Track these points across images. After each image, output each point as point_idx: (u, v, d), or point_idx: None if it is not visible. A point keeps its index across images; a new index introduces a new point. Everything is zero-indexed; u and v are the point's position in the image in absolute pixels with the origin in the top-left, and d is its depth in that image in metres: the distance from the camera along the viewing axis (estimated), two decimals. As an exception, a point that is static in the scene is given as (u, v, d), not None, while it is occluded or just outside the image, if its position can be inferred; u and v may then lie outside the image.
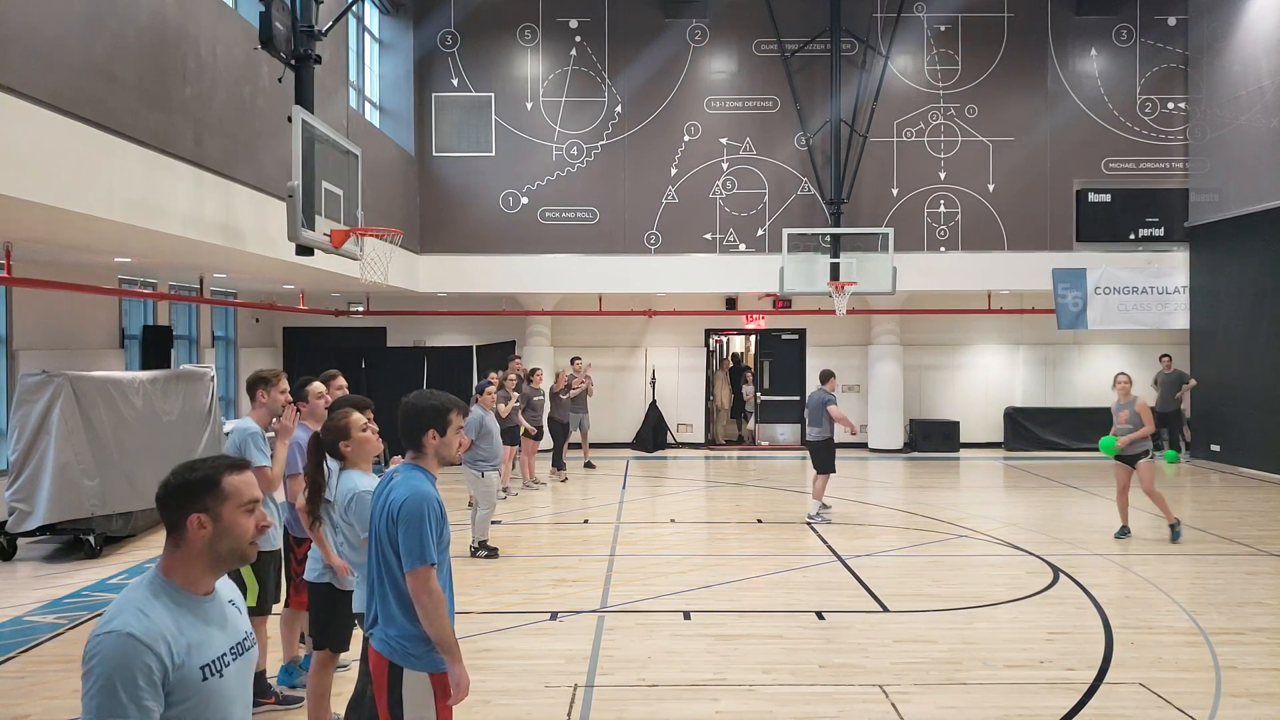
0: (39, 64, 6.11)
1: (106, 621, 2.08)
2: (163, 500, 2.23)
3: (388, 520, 3.32)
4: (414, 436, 3.44)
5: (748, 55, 16.49)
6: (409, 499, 3.26)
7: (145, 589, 2.16)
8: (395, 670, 3.30)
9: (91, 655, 2.03)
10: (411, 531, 3.22)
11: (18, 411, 8.89)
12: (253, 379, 5.37)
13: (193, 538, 2.20)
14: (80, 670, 2.07)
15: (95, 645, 2.04)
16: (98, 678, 2.00)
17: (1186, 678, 5.79)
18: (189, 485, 2.22)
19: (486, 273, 16.21)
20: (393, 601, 3.33)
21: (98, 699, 1.99)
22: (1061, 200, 16.40)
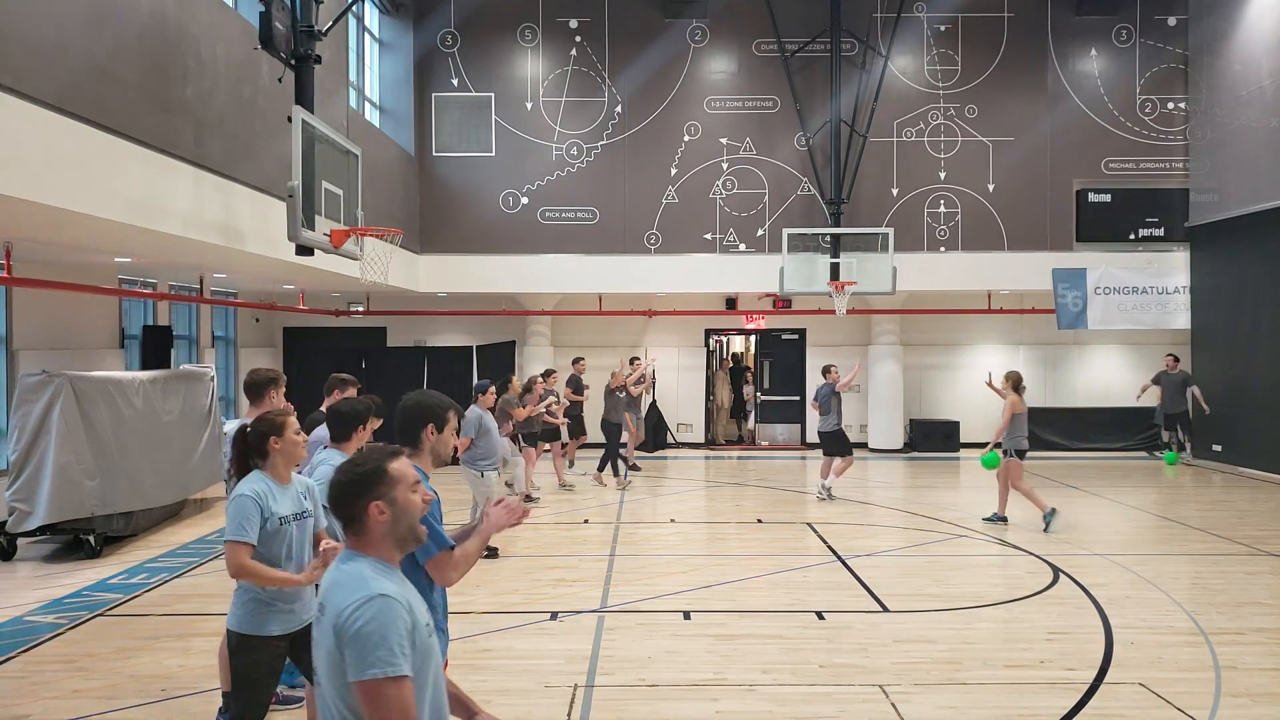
0: (39, 64, 6.11)
1: (355, 590, 2.17)
2: (340, 497, 2.33)
3: None
4: (412, 432, 3.51)
5: (748, 55, 16.49)
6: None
7: (365, 566, 2.27)
8: None
9: (356, 619, 2.11)
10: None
11: (18, 411, 8.89)
12: (262, 379, 5.32)
13: (374, 524, 2.31)
14: (327, 640, 2.18)
15: (358, 610, 2.13)
16: (369, 634, 2.09)
17: (1186, 678, 5.79)
18: (362, 478, 2.33)
19: (486, 273, 16.21)
20: None
21: (375, 652, 2.08)
22: (1061, 200, 16.40)
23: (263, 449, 3.99)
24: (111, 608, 7.43)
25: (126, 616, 7.20)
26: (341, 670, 2.13)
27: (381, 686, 2.08)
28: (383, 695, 2.07)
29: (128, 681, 5.78)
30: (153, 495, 10.14)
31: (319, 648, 2.25)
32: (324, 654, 2.21)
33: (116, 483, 9.43)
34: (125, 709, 5.35)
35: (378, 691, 2.08)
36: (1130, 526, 10.71)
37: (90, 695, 5.56)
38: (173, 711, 5.34)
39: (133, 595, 7.80)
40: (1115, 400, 17.53)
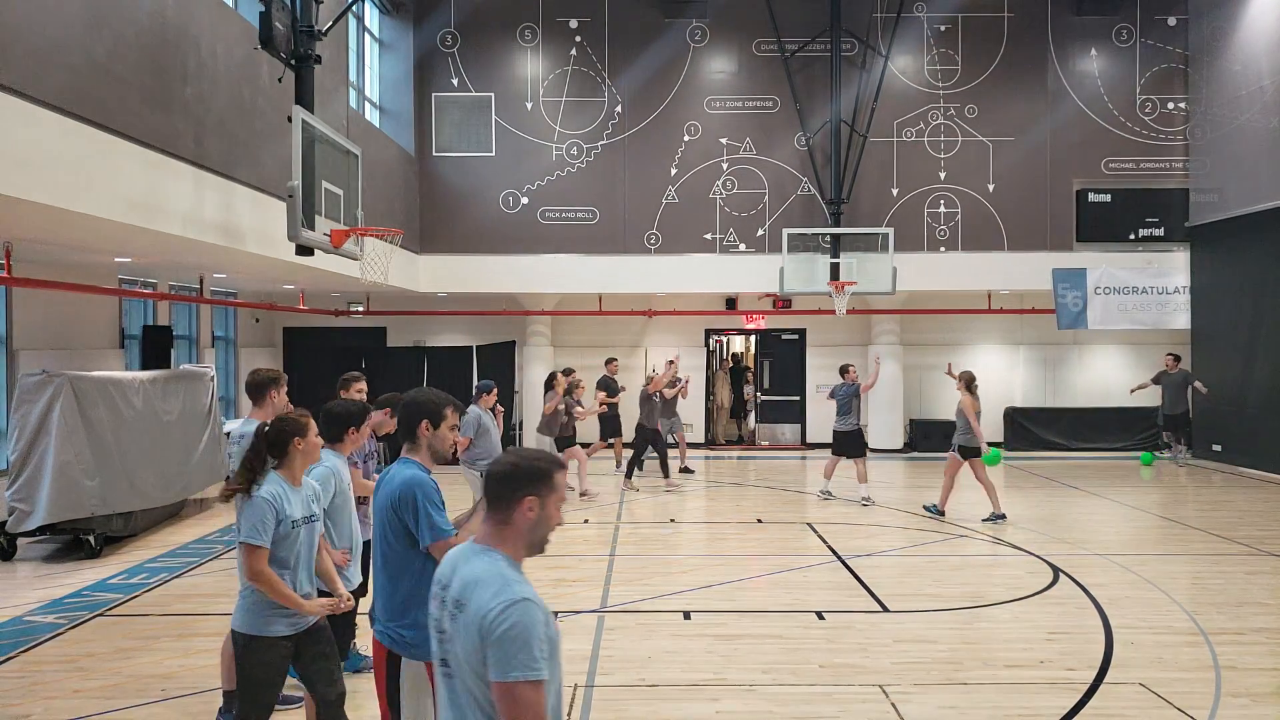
0: (39, 64, 6.11)
1: (501, 592, 2.22)
2: (504, 477, 2.38)
3: (383, 506, 3.46)
4: (409, 428, 3.59)
5: (748, 55, 16.49)
6: (407, 479, 3.43)
7: (503, 564, 2.33)
8: (394, 659, 3.41)
9: (502, 621, 2.17)
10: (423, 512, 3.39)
11: (18, 411, 8.89)
12: (263, 379, 5.31)
13: (520, 519, 2.36)
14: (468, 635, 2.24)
15: (504, 612, 2.18)
16: (514, 638, 2.16)
17: (1186, 678, 5.79)
18: (532, 470, 2.38)
19: (486, 273, 16.21)
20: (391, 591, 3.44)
21: (518, 656, 2.15)
22: (1061, 200, 16.40)
23: (284, 449, 3.97)
24: (111, 608, 7.43)
25: (126, 616, 7.20)
26: (480, 663, 2.21)
27: (522, 690, 2.15)
28: (522, 698, 2.14)
29: (128, 681, 5.79)
30: (153, 495, 10.14)
31: (455, 640, 2.29)
32: (462, 646, 2.26)
33: (116, 483, 9.43)
34: (125, 709, 5.35)
35: (518, 694, 2.15)
36: (1130, 526, 10.71)
37: (90, 695, 5.56)
38: (173, 711, 5.34)
39: (133, 595, 7.80)
40: (1115, 400, 17.53)
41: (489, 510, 2.40)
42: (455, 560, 2.40)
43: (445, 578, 2.39)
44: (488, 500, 2.42)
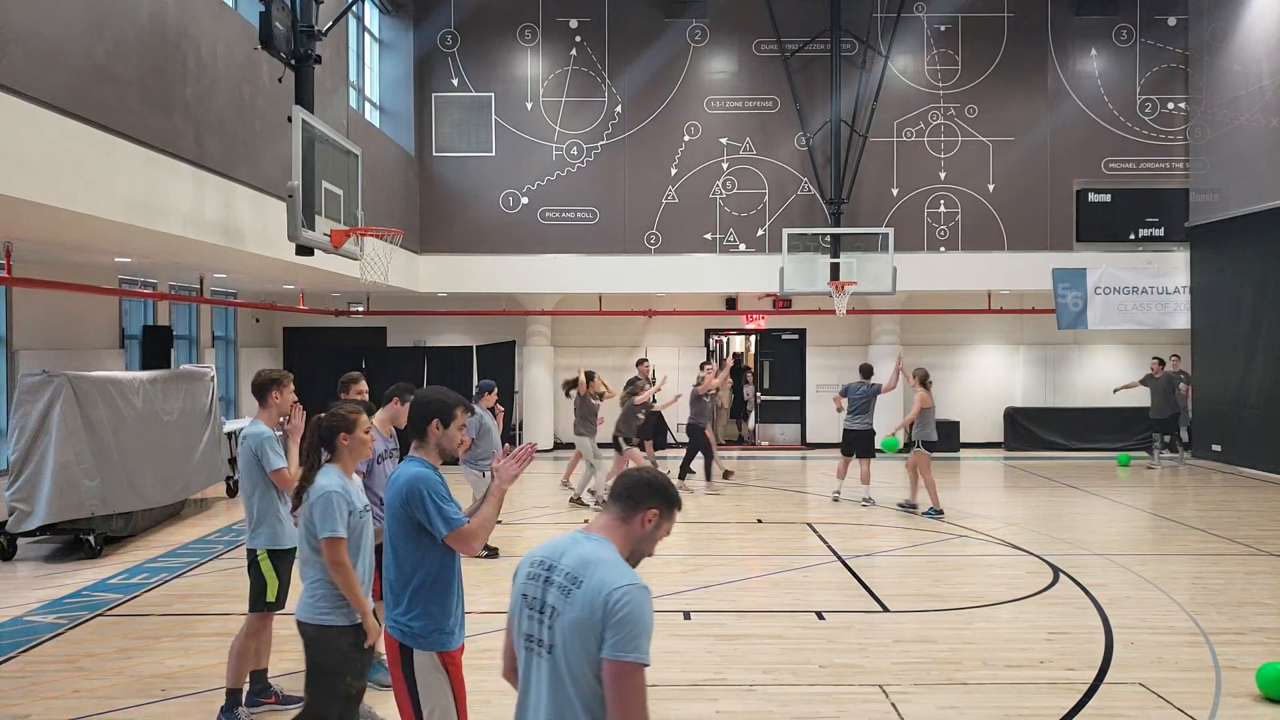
0: (39, 64, 6.11)
1: (620, 577, 2.34)
2: (642, 484, 2.54)
3: (393, 504, 3.49)
4: (419, 426, 3.63)
5: (748, 55, 16.49)
6: (412, 476, 3.47)
7: (616, 552, 2.47)
8: (405, 651, 3.47)
9: (626, 603, 2.28)
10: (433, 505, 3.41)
11: (18, 411, 8.89)
12: (265, 380, 5.33)
13: (638, 524, 2.53)
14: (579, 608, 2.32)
15: (628, 594, 2.30)
16: (635, 621, 2.27)
17: (1186, 678, 5.79)
18: (666, 491, 2.55)
19: (486, 273, 16.21)
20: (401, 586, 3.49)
21: (638, 639, 2.27)
22: (1061, 200, 16.40)
23: (332, 444, 4.08)
24: (111, 608, 7.43)
25: (126, 616, 7.20)
26: (592, 639, 2.28)
27: (633, 671, 2.26)
28: (632, 679, 2.26)
29: (128, 681, 5.78)
30: (153, 495, 10.14)
31: (563, 614, 2.34)
32: (571, 620, 2.32)
33: (116, 483, 9.43)
34: (125, 709, 5.35)
35: (630, 675, 2.25)
36: (1130, 526, 10.71)
37: (90, 695, 5.56)
38: (173, 711, 5.34)
39: (133, 595, 7.80)
40: (1115, 400, 17.53)
41: (614, 506, 2.54)
42: (563, 543, 2.50)
43: (550, 558, 2.46)
44: (616, 498, 2.55)
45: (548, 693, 2.35)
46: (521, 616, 2.47)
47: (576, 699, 2.30)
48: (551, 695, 2.34)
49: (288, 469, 5.15)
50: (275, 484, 5.17)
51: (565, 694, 2.32)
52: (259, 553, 5.20)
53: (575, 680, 2.30)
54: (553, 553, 2.48)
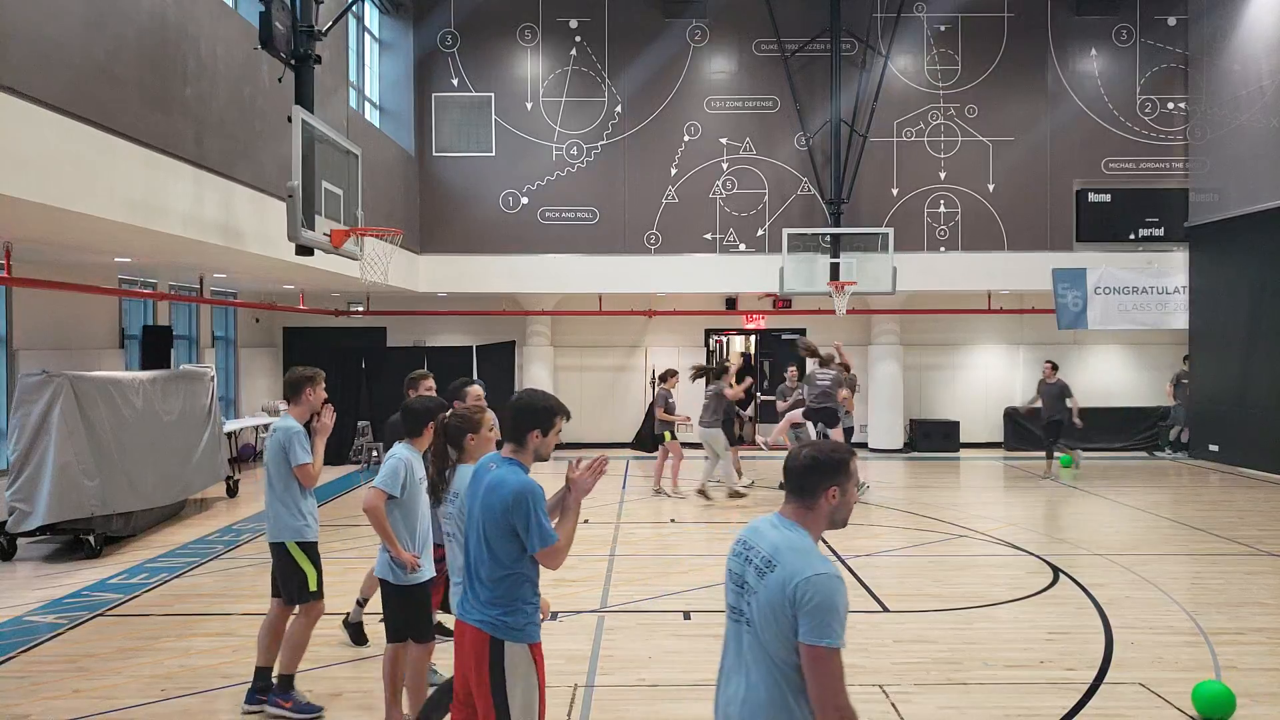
0: (39, 64, 6.12)
1: (815, 562, 2.52)
2: (807, 470, 2.68)
3: (493, 507, 3.48)
4: (520, 431, 3.62)
5: (748, 55, 16.49)
6: (519, 488, 3.46)
7: (808, 540, 2.64)
8: (496, 645, 3.49)
9: (819, 590, 2.46)
10: (531, 516, 3.44)
11: (18, 411, 8.89)
12: (298, 377, 5.41)
13: (824, 505, 2.67)
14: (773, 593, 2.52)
15: (822, 582, 2.47)
16: (827, 608, 2.45)
17: (1186, 678, 5.78)
18: (834, 463, 2.68)
19: (486, 273, 16.21)
20: (494, 582, 3.50)
21: (831, 624, 2.45)
22: (1061, 200, 16.40)
23: (460, 444, 4.32)
24: (111, 608, 7.43)
25: (126, 616, 7.20)
26: (785, 622, 2.50)
27: (829, 655, 2.45)
28: (828, 662, 2.45)
29: (128, 681, 5.79)
30: (153, 495, 10.14)
31: (756, 592, 2.57)
32: (764, 601, 2.54)
33: (116, 483, 9.43)
34: (125, 709, 5.35)
35: (826, 658, 2.45)
36: (1130, 526, 10.71)
37: (90, 695, 5.56)
38: (173, 711, 5.34)
39: (133, 595, 7.80)
40: (1115, 400, 17.53)
41: (794, 496, 2.70)
42: (764, 525, 2.72)
43: (751, 539, 2.71)
44: (792, 489, 2.70)
45: (750, 660, 2.61)
46: (729, 589, 2.74)
47: (774, 669, 2.55)
48: (753, 663, 2.60)
49: (312, 465, 5.24)
50: (298, 479, 5.24)
51: (764, 663, 2.57)
52: (288, 545, 5.27)
53: (771, 653, 2.55)
54: (754, 534, 2.72)
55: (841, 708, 2.45)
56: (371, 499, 4.72)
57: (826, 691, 2.45)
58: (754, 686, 2.58)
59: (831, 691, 2.45)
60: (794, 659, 2.51)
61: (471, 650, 3.55)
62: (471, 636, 3.55)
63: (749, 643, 2.61)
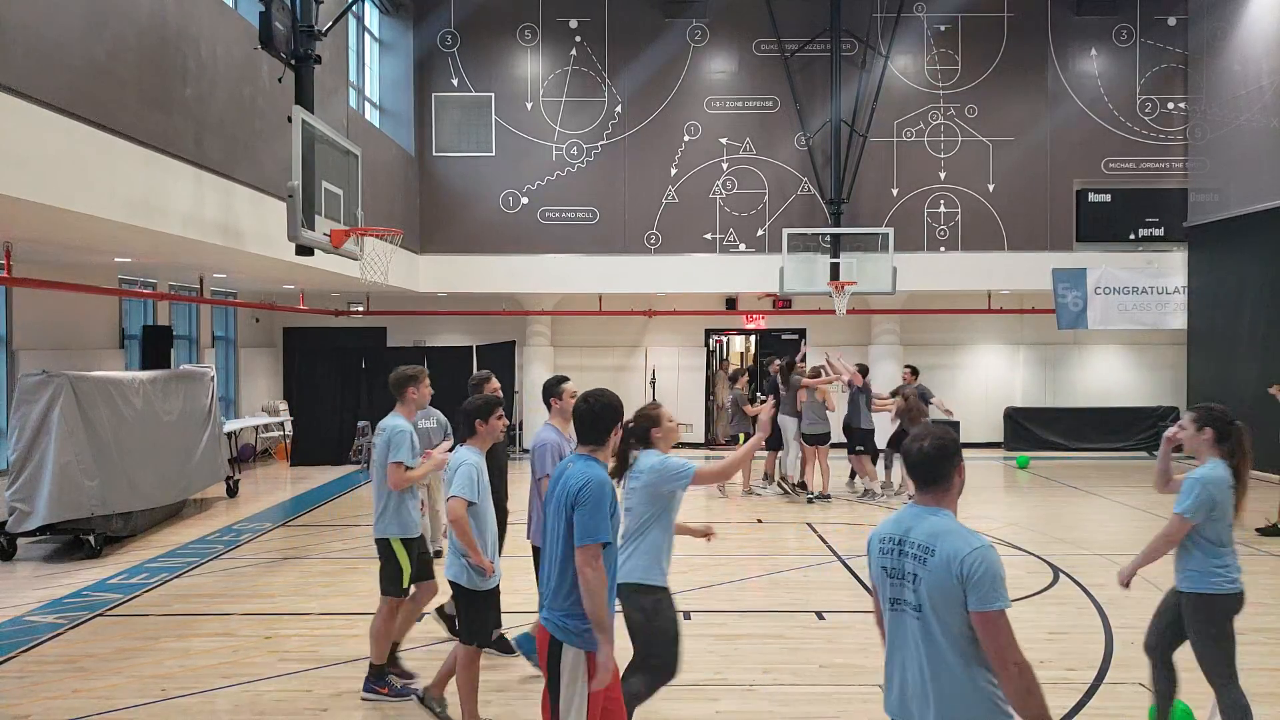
0: (39, 64, 6.12)
1: (969, 539, 2.77)
2: (939, 459, 2.88)
3: (567, 503, 3.55)
4: (600, 430, 3.75)
5: (748, 55, 16.49)
6: (590, 482, 3.53)
7: (954, 520, 2.87)
8: (555, 645, 3.56)
9: (981, 564, 2.73)
10: (590, 512, 3.48)
11: (18, 411, 8.89)
12: (402, 376, 5.52)
13: (955, 485, 2.91)
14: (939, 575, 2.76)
15: (980, 556, 2.74)
16: (992, 577, 2.73)
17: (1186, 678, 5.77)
18: (953, 443, 2.92)
19: (486, 273, 16.21)
20: (562, 581, 3.58)
21: (997, 590, 2.72)
22: (1061, 200, 16.40)
23: (647, 439, 4.57)
24: (111, 608, 7.42)
25: (126, 616, 7.20)
26: (955, 598, 2.73)
27: (1000, 617, 2.70)
28: (1000, 623, 2.70)
29: (128, 681, 5.78)
30: (153, 495, 10.14)
31: (924, 580, 2.78)
32: (935, 586, 2.76)
33: (116, 483, 9.43)
34: (125, 709, 5.35)
35: (998, 621, 2.70)
36: (1130, 526, 10.71)
37: (90, 695, 5.55)
38: (173, 711, 5.34)
39: (133, 595, 7.80)
40: (1115, 400, 17.54)
41: (928, 485, 2.90)
42: (906, 519, 2.92)
43: (897, 533, 2.90)
44: (924, 479, 2.90)
45: (921, 644, 2.81)
46: (885, 585, 2.93)
47: (948, 646, 2.75)
48: (925, 645, 2.80)
49: (405, 468, 5.31)
50: (390, 474, 5.32)
51: (936, 643, 2.77)
52: (391, 540, 5.38)
53: (946, 631, 2.76)
54: (898, 528, 2.92)
55: (1019, 662, 2.69)
56: (456, 509, 4.75)
57: (1004, 649, 2.69)
58: (929, 665, 2.79)
59: (1008, 648, 2.69)
60: (967, 631, 2.73)
61: (539, 646, 3.68)
62: (539, 633, 3.68)
63: (916, 628, 2.82)
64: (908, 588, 2.84)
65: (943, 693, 2.77)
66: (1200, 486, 4.12)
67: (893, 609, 2.91)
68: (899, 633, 2.90)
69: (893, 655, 2.94)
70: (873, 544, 2.99)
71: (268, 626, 6.87)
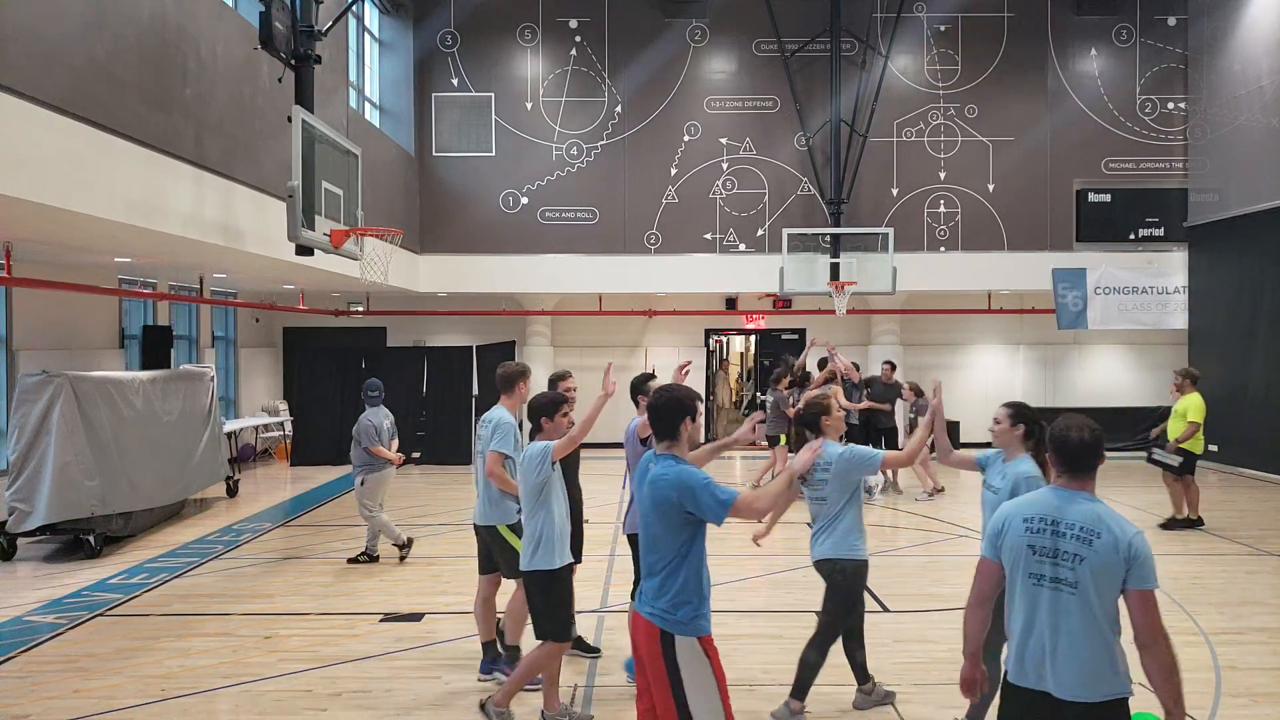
0: (39, 64, 6.12)
1: (1128, 529, 3.10)
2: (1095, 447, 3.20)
3: (660, 501, 3.60)
4: (673, 426, 3.73)
5: (748, 55, 16.49)
6: (683, 472, 3.59)
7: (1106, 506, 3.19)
8: (667, 638, 3.58)
9: (1141, 546, 3.07)
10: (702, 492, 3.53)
11: (18, 411, 8.89)
12: (513, 372, 5.78)
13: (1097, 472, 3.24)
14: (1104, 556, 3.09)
15: (1140, 540, 3.08)
16: (1148, 558, 3.07)
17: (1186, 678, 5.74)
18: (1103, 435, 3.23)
19: (486, 273, 16.21)
20: (660, 576, 3.62)
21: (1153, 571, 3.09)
22: (1061, 200, 16.40)
23: (817, 426, 5.14)
24: (111, 608, 7.43)
25: (126, 616, 7.20)
26: (1117, 578, 3.08)
27: (1153, 596, 3.08)
28: (1153, 602, 3.08)
29: (128, 681, 5.79)
30: (153, 495, 10.14)
31: (1086, 562, 3.09)
32: (1099, 565, 3.08)
33: (116, 483, 9.43)
34: (125, 709, 5.35)
35: (1151, 599, 3.08)
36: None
37: (90, 695, 5.56)
38: (173, 711, 5.34)
39: (133, 595, 7.80)
40: (1115, 400, 17.54)
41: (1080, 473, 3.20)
42: (1051, 501, 3.21)
43: (1048, 514, 3.19)
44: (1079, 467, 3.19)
45: (1076, 616, 3.12)
46: (1029, 561, 3.19)
47: (1103, 619, 3.12)
48: (1080, 618, 3.11)
49: (501, 455, 5.54)
50: (489, 461, 5.52)
51: (1091, 616, 3.10)
52: (499, 527, 5.63)
53: (1102, 605, 3.11)
54: (1046, 509, 3.20)
55: (1167, 636, 3.14)
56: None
57: (1156, 624, 3.09)
58: (1082, 635, 3.12)
59: (1159, 624, 3.10)
60: (1114, 605, 3.12)
61: (644, 643, 3.65)
62: (644, 629, 3.66)
63: (1071, 603, 3.12)
64: (1064, 566, 3.13)
65: (1086, 659, 3.13)
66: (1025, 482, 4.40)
67: (1037, 584, 3.18)
68: (1039, 605, 3.17)
69: (1029, 626, 3.19)
70: (1014, 523, 3.23)
71: (268, 626, 6.87)
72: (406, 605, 7.40)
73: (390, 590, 7.89)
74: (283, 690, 5.60)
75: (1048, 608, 3.15)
